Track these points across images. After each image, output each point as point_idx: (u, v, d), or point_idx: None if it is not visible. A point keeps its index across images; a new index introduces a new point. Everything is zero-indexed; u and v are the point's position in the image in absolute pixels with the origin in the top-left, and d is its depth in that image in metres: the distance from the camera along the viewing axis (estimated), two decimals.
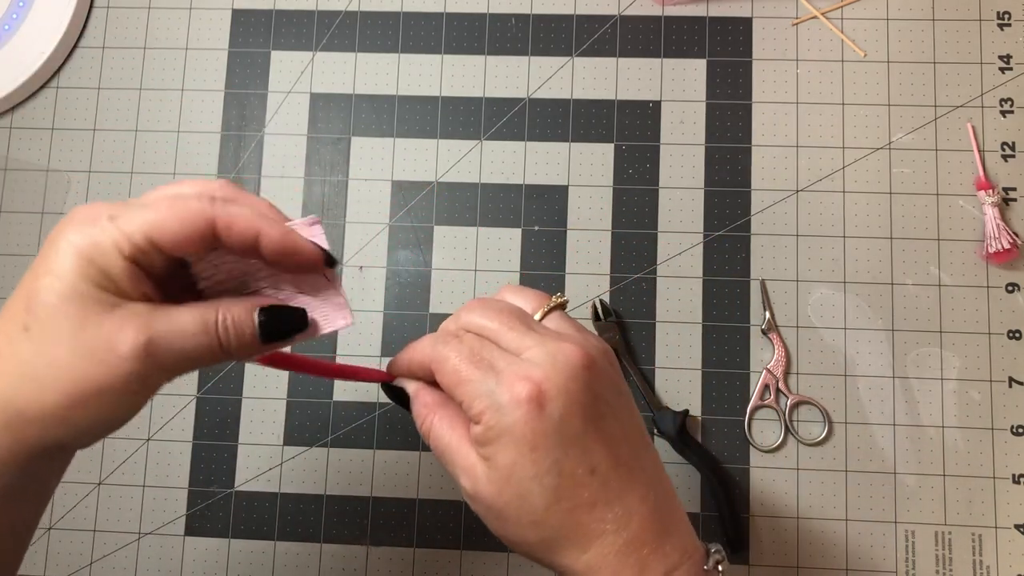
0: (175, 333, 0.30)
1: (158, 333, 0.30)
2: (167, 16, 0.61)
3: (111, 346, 0.29)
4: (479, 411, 0.32)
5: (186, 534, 0.55)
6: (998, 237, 0.53)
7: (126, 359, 0.29)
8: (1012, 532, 0.52)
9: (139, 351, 0.29)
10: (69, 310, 0.29)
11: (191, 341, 0.30)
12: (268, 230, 0.31)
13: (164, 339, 0.30)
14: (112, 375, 0.29)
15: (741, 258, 0.55)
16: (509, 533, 0.33)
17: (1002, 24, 0.57)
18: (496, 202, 0.57)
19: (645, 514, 0.32)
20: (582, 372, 0.32)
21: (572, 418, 0.31)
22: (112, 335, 0.29)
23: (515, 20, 0.59)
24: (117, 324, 0.29)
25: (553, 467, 0.31)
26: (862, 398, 0.54)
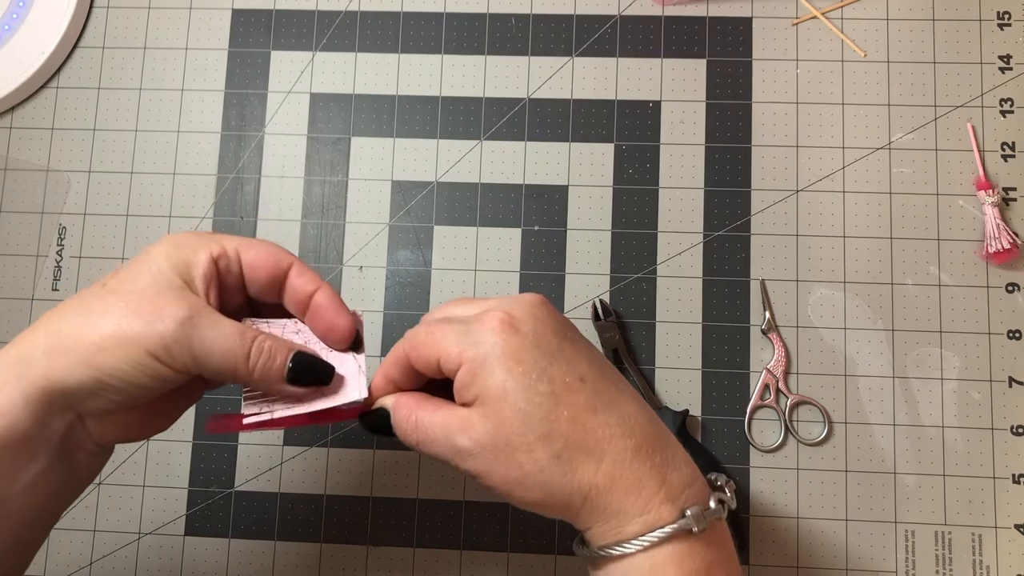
0: (215, 329, 0.33)
1: (201, 318, 0.33)
2: (167, 16, 0.61)
3: (157, 311, 0.32)
4: (457, 353, 0.33)
5: (186, 534, 0.55)
6: (998, 237, 0.53)
7: (164, 324, 0.32)
8: (1012, 532, 0.52)
9: (178, 324, 0.32)
10: (143, 279, 0.33)
11: (225, 343, 0.33)
12: (326, 289, 0.37)
13: (203, 326, 0.32)
14: (146, 333, 0.32)
15: (741, 258, 0.55)
16: (522, 465, 0.32)
17: (1002, 24, 0.57)
18: (496, 202, 0.57)
19: (644, 423, 0.33)
20: (543, 305, 0.35)
21: (546, 335, 0.33)
22: (164, 305, 0.32)
23: (515, 20, 0.59)
24: (172, 299, 0.33)
25: (542, 375, 0.32)
26: (862, 398, 0.54)
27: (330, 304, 0.37)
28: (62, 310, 0.33)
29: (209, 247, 0.35)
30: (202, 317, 0.33)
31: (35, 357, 0.32)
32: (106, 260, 0.58)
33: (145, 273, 0.34)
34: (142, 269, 0.34)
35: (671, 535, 0.31)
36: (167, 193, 0.58)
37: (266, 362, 0.34)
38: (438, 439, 0.34)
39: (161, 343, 0.32)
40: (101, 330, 0.32)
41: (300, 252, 0.57)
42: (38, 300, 0.58)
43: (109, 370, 0.32)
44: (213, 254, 0.35)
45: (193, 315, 0.32)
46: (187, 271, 0.34)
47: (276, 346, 0.34)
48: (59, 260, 0.58)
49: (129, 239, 0.58)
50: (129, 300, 0.32)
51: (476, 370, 0.32)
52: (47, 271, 0.58)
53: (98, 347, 0.31)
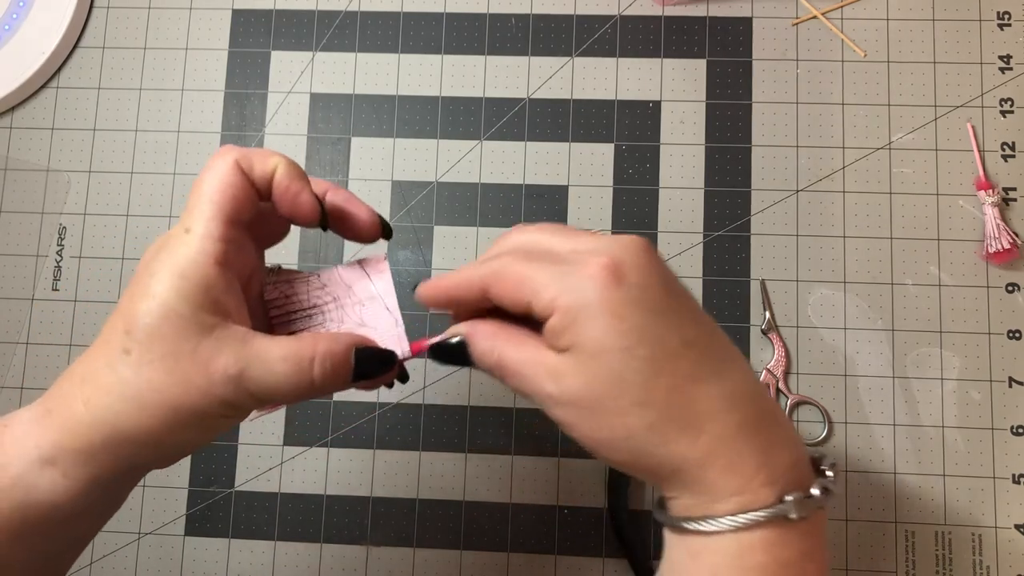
0: (268, 366, 0.30)
1: (251, 365, 0.30)
2: (167, 16, 0.61)
3: (207, 373, 0.30)
4: (551, 298, 0.29)
5: (186, 534, 0.55)
6: (998, 237, 0.53)
7: (219, 386, 0.30)
8: (1012, 532, 0.52)
9: (232, 380, 0.30)
10: (167, 333, 0.29)
11: (283, 377, 0.31)
12: (336, 189, 0.35)
13: (257, 371, 0.30)
14: (205, 402, 0.30)
15: (741, 258, 0.55)
16: (612, 428, 0.29)
17: (1002, 24, 0.57)
18: (496, 202, 0.57)
19: (752, 395, 0.30)
20: (648, 252, 0.30)
21: (653, 289, 0.29)
22: (208, 362, 0.30)
23: (515, 20, 0.59)
24: (213, 349, 0.30)
25: (644, 336, 0.28)
26: (862, 398, 0.54)
27: (344, 202, 0.36)
28: (102, 393, 0.30)
29: (204, 250, 0.30)
30: (252, 363, 0.30)
31: (94, 450, 0.30)
32: (106, 260, 0.58)
33: (167, 326, 0.29)
34: (161, 323, 0.29)
35: (766, 519, 0.28)
36: (167, 193, 0.59)
37: (333, 376, 0.32)
38: (525, 378, 0.30)
39: (222, 405, 0.30)
40: (157, 418, 0.29)
41: (300, 252, 0.57)
42: (38, 300, 0.58)
43: (179, 444, 0.31)
44: (215, 257, 0.31)
45: (242, 367, 0.30)
46: (207, 297, 0.30)
47: (338, 355, 0.31)
48: (59, 260, 0.58)
49: (129, 239, 0.58)
50: (171, 371, 0.29)
51: (571, 321, 0.29)
52: (47, 271, 0.58)
53: (162, 432, 0.30)
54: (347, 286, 0.36)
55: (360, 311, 0.35)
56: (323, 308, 0.35)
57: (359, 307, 0.35)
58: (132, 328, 0.30)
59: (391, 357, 0.34)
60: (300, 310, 0.35)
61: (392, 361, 0.34)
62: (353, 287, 0.36)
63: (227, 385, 0.30)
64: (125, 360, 0.30)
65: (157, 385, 0.29)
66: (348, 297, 0.35)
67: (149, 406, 0.29)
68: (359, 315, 0.35)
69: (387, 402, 0.55)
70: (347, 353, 0.32)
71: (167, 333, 0.29)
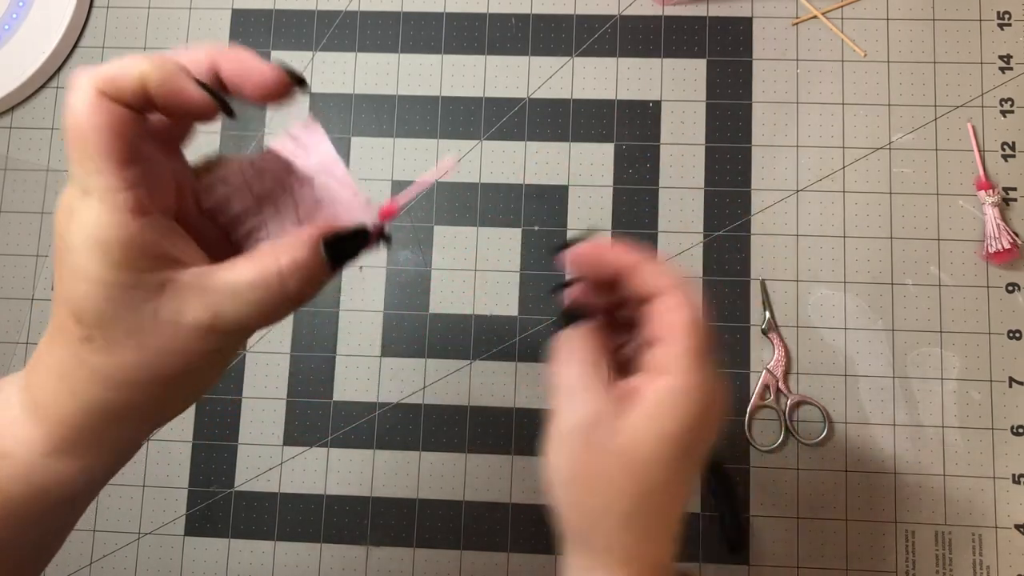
0: (239, 299, 0.27)
1: (221, 306, 0.27)
2: (167, 16, 0.61)
3: (178, 334, 0.27)
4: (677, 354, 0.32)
5: (186, 534, 0.55)
6: (998, 237, 0.53)
7: (197, 341, 0.28)
8: (1012, 532, 0.52)
9: (207, 330, 0.27)
10: (119, 311, 0.27)
11: (259, 304, 0.28)
12: (222, 54, 0.29)
13: (229, 310, 0.27)
14: (189, 361, 0.28)
15: (741, 258, 0.55)
16: (592, 494, 0.31)
17: (1002, 24, 0.57)
18: (496, 202, 0.57)
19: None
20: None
21: (708, 440, 0.33)
22: (175, 322, 0.27)
23: (515, 20, 0.59)
24: (174, 307, 0.27)
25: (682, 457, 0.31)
26: (862, 398, 0.54)
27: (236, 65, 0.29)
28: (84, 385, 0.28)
29: (114, 205, 0.26)
30: (221, 304, 0.27)
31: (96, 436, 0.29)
32: None
33: (113, 306, 0.26)
34: (106, 304, 0.26)
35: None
36: None
37: (307, 280, 0.29)
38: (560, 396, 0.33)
39: (207, 356, 0.28)
40: (151, 392, 0.28)
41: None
42: (38, 300, 0.58)
43: (181, 402, 0.30)
44: (133, 209, 0.26)
45: (213, 311, 0.27)
46: (142, 256, 0.26)
47: (303, 258, 0.28)
48: None
49: None
50: (141, 346, 0.27)
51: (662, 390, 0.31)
52: (47, 271, 0.58)
53: (157, 403, 0.29)
54: (286, 165, 0.31)
55: (311, 187, 0.31)
56: (271, 198, 0.31)
57: (308, 184, 0.31)
58: (80, 315, 0.27)
59: (362, 231, 0.30)
60: (247, 208, 0.31)
61: (365, 235, 0.30)
62: (294, 164, 0.31)
63: (205, 337, 0.27)
64: (90, 348, 0.27)
65: (133, 364, 0.27)
66: (292, 177, 0.31)
67: (134, 385, 0.28)
68: (312, 194, 0.31)
69: (387, 402, 0.55)
70: (314, 252, 0.29)
71: (118, 312, 0.27)
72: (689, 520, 0.53)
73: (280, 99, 0.30)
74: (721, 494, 0.52)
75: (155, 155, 0.29)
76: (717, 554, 0.52)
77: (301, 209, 0.31)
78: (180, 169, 0.30)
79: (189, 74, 0.27)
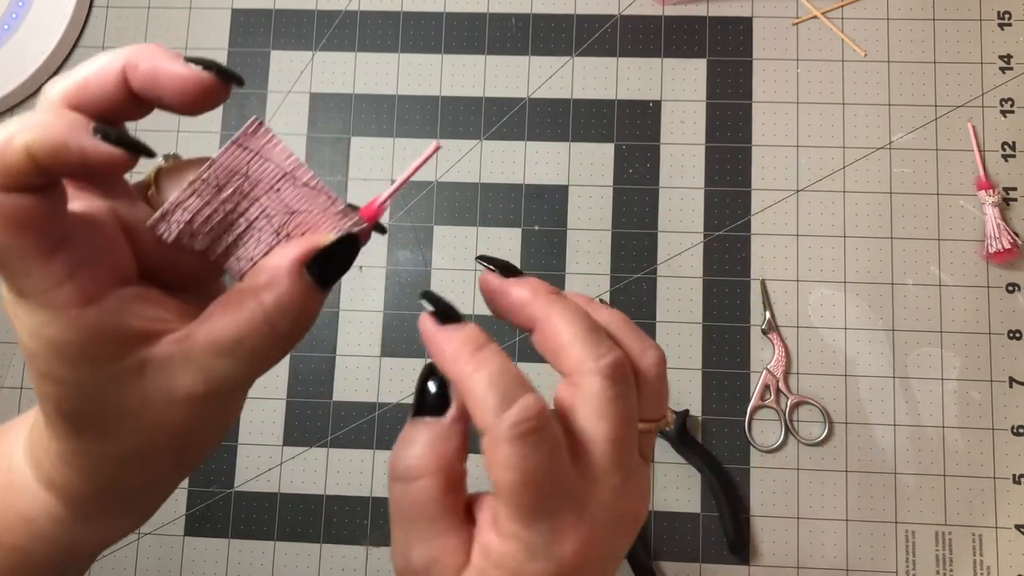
0: (228, 359, 0.24)
1: (210, 371, 0.24)
2: (167, 16, 0.61)
3: (171, 413, 0.24)
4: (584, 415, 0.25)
5: (186, 534, 0.55)
6: (998, 237, 0.53)
7: (195, 412, 0.24)
8: (1012, 532, 0.52)
9: (203, 397, 0.24)
10: (103, 405, 0.24)
11: (251, 356, 0.24)
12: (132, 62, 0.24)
13: (221, 371, 0.24)
14: (193, 430, 0.25)
15: (741, 258, 0.55)
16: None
17: (1002, 24, 0.57)
18: (496, 202, 0.57)
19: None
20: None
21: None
22: (166, 402, 0.24)
23: (515, 20, 0.59)
24: (162, 385, 0.24)
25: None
26: (862, 398, 0.54)
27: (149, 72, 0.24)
28: (93, 472, 0.26)
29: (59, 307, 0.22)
30: (210, 369, 0.24)
31: (115, 509, 0.27)
32: None
33: (92, 404, 0.23)
34: (84, 404, 0.24)
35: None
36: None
37: (299, 314, 0.25)
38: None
39: (210, 422, 0.26)
40: (163, 465, 0.26)
41: None
42: None
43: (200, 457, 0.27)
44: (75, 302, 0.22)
45: (203, 378, 0.24)
46: (105, 349, 0.23)
47: (284, 295, 0.24)
48: None
49: None
50: (137, 430, 0.24)
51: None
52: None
53: (173, 472, 0.27)
54: (243, 175, 0.27)
55: (279, 197, 0.27)
56: (241, 213, 0.27)
57: (275, 193, 0.27)
58: (65, 415, 0.24)
59: (349, 240, 0.26)
60: (215, 229, 0.27)
61: (354, 243, 0.27)
62: (249, 173, 0.27)
63: (202, 404, 0.24)
64: (86, 438, 0.24)
65: (134, 446, 0.25)
66: (254, 188, 0.27)
67: (142, 462, 0.25)
68: (282, 202, 0.27)
69: (387, 402, 0.55)
70: (298, 280, 0.25)
71: (101, 406, 0.23)
72: (689, 520, 0.53)
73: (211, 105, 0.25)
74: (721, 494, 0.52)
75: (89, 217, 0.24)
76: (717, 554, 0.52)
77: (276, 220, 0.27)
78: (126, 208, 0.25)
79: (85, 126, 0.22)
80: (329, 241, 0.26)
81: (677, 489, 0.53)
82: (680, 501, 0.53)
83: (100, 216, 0.24)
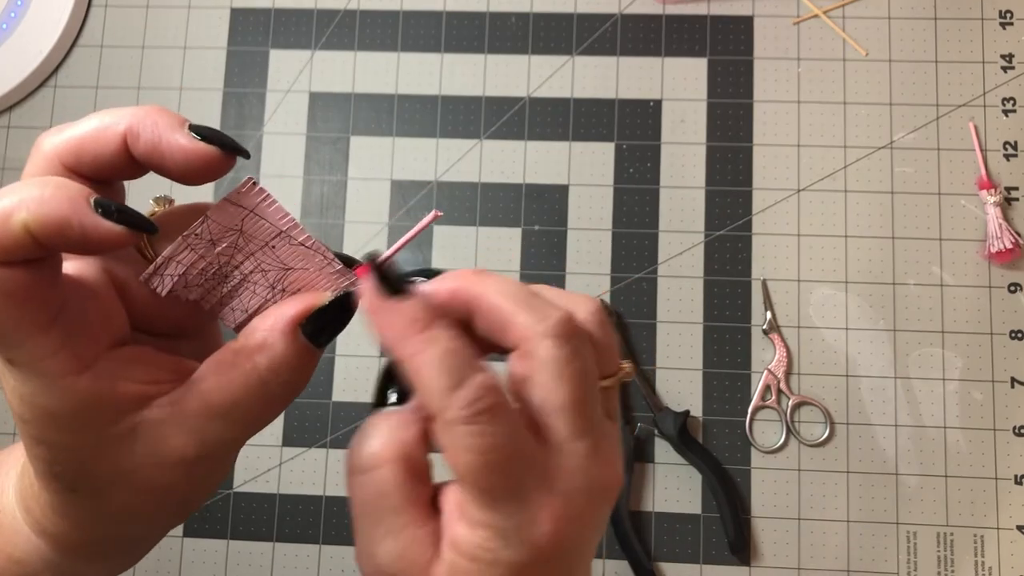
0: (221, 421, 0.24)
1: (204, 433, 0.24)
2: (165, 15, 0.60)
3: (164, 472, 0.24)
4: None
5: (185, 535, 0.54)
6: (1000, 237, 0.53)
7: (188, 474, 0.24)
8: (1014, 533, 0.52)
9: (195, 460, 0.24)
10: (95, 468, 0.23)
11: (242, 417, 0.24)
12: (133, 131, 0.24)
13: (215, 434, 0.24)
14: (186, 491, 0.25)
15: (742, 258, 0.55)
16: None
17: (1004, 23, 0.57)
18: (496, 202, 0.57)
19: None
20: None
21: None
22: (158, 463, 0.24)
23: (515, 19, 0.59)
24: (153, 448, 0.23)
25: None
26: (864, 399, 0.53)
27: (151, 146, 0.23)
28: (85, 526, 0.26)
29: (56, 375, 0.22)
30: (204, 431, 0.24)
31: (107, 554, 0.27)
32: None
33: (86, 469, 0.23)
34: (79, 467, 0.23)
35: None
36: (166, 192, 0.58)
37: (295, 376, 0.24)
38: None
39: (201, 485, 0.25)
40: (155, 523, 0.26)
41: None
42: None
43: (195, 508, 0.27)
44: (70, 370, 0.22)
45: (196, 440, 0.24)
46: (102, 416, 0.23)
47: (278, 357, 0.24)
48: None
49: None
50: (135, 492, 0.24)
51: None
52: None
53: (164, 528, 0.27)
54: (237, 231, 0.26)
55: (274, 253, 0.27)
56: (235, 266, 0.27)
57: (270, 249, 0.27)
58: (57, 475, 0.24)
59: (345, 301, 0.25)
60: (210, 282, 0.27)
61: (349, 304, 0.25)
62: (244, 229, 0.26)
63: (194, 466, 0.24)
64: (79, 496, 0.24)
65: (126, 506, 0.24)
66: (249, 243, 0.27)
67: (135, 518, 0.25)
68: (277, 258, 0.27)
69: None
70: (293, 342, 0.24)
71: (93, 468, 0.23)
72: (690, 521, 0.53)
73: (213, 177, 0.24)
74: (722, 495, 0.52)
75: (83, 280, 0.23)
76: (718, 555, 0.52)
77: (271, 275, 0.27)
78: (119, 262, 0.25)
79: (86, 201, 0.21)
80: (325, 301, 0.25)
81: (678, 490, 0.53)
82: (681, 502, 0.53)
83: (93, 277, 0.24)
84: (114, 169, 0.24)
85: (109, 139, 0.24)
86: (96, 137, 0.24)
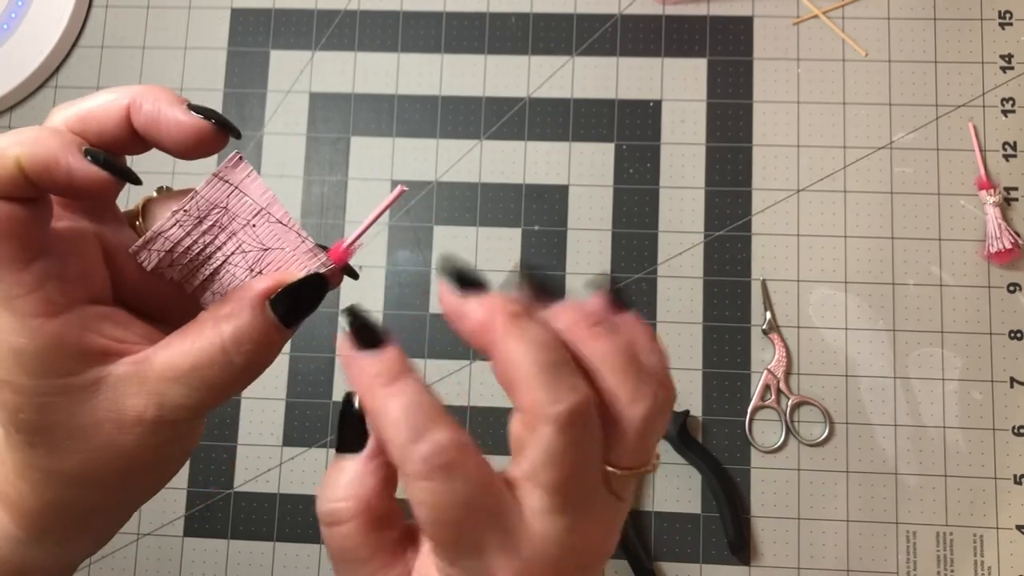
0: (183, 384, 0.24)
1: (164, 395, 0.24)
2: (166, 15, 0.60)
3: (122, 433, 0.24)
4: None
5: (185, 535, 0.54)
6: (999, 237, 0.53)
7: (145, 436, 0.24)
8: (1013, 533, 0.52)
9: (155, 421, 0.24)
10: (55, 418, 0.24)
11: (207, 386, 0.24)
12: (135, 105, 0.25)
13: (175, 397, 0.24)
14: (142, 456, 0.25)
15: (742, 258, 0.55)
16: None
17: (1003, 23, 0.57)
18: (496, 202, 0.57)
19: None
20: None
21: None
22: (117, 420, 0.24)
23: (515, 19, 0.59)
24: (113, 405, 0.24)
25: None
26: (863, 398, 0.53)
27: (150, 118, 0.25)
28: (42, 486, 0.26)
29: (28, 314, 0.23)
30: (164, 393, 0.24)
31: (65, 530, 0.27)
32: None
33: (45, 414, 0.24)
34: (37, 415, 0.24)
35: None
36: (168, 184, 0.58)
37: (260, 349, 0.25)
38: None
39: (161, 447, 0.25)
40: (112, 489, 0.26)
41: None
42: None
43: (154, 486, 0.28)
44: (43, 312, 0.23)
45: (156, 402, 0.24)
46: (67, 359, 0.23)
47: (243, 328, 0.24)
48: None
49: None
50: (89, 448, 0.24)
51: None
52: None
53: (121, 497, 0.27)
54: (222, 208, 0.27)
55: (254, 232, 0.28)
56: (218, 247, 0.28)
57: (250, 228, 0.28)
58: (16, 425, 0.24)
59: (316, 281, 0.26)
60: (194, 260, 0.28)
61: (320, 283, 0.26)
62: (228, 207, 0.27)
63: (152, 430, 0.24)
64: (36, 453, 0.25)
65: (82, 465, 0.25)
66: (232, 221, 0.28)
67: (91, 484, 0.25)
68: (256, 238, 0.28)
69: None
70: (260, 315, 0.25)
71: (52, 418, 0.24)
72: (689, 521, 0.53)
73: (206, 152, 0.25)
74: (721, 495, 0.52)
75: (71, 235, 0.24)
76: (718, 555, 0.52)
77: (250, 256, 0.28)
78: (112, 233, 0.26)
79: (77, 147, 0.23)
80: (295, 279, 0.26)
81: (677, 490, 0.53)
82: (680, 502, 0.53)
83: (83, 236, 0.25)
84: (116, 140, 0.25)
85: (113, 111, 0.25)
86: (101, 108, 0.25)
